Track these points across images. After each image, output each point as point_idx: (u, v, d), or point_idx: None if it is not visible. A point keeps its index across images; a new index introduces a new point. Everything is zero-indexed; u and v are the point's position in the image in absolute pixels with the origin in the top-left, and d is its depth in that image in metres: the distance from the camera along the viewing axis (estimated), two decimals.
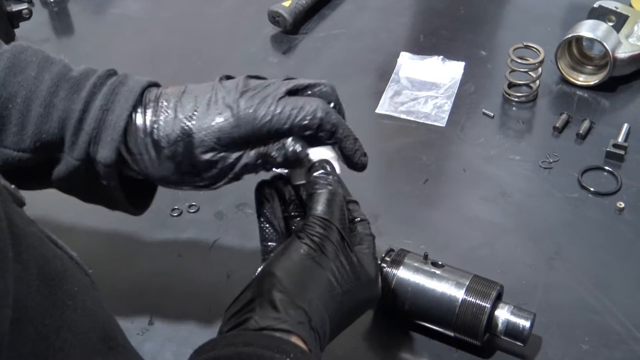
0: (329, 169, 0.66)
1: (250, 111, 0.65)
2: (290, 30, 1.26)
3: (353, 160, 0.70)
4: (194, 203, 0.94)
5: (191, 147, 0.65)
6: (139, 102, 0.67)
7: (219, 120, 0.65)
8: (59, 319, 0.42)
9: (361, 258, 0.65)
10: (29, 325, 0.39)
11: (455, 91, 1.11)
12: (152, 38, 1.29)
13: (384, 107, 1.09)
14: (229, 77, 0.70)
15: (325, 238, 0.62)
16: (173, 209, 0.93)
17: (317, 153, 0.67)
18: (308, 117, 0.65)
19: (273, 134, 0.65)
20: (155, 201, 0.93)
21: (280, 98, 0.66)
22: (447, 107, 1.08)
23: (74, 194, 0.73)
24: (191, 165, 0.66)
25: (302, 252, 0.62)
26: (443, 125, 1.05)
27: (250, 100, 0.66)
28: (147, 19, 1.35)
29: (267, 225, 0.68)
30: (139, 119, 0.66)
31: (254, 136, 0.65)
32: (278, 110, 0.65)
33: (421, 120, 1.06)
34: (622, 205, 0.91)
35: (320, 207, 0.64)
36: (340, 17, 1.31)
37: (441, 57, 1.17)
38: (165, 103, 0.67)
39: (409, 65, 1.16)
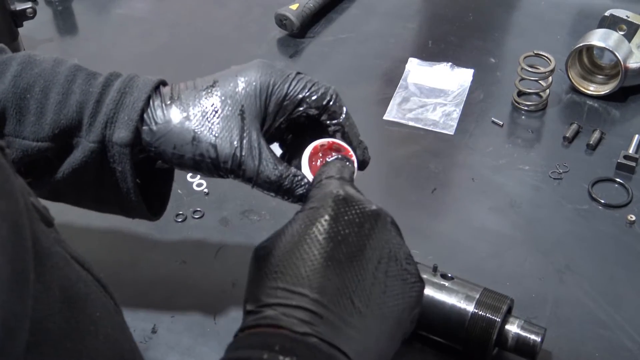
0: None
1: (274, 70, 0.67)
2: (297, 33, 1.24)
3: (356, 153, 0.68)
4: (198, 209, 0.92)
5: (215, 111, 0.66)
6: (155, 91, 0.67)
7: (243, 78, 0.66)
8: (80, 344, 0.41)
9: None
10: (49, 347, 0.38)
11: (464, 99, 1.10)
12: (157, 39, 1.27)
13: (391, 114, 1.08)
14: None
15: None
16: (177, 215, 0.91)
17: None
18: (321, 91, 0.67)
19: (288, 101, 0.66)
20: None
21: (298, 74, 0.68)
22: (456, 114, 1.07)
23: (85, 198, 0.72)
24: None
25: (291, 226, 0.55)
26: (451, 133, 1.04)
27: (271, 67, 0.68)
28: (152, 19, 1.34)
29: None
30: (156, 99, 0.66)
31: (270, 98, 0.66)
32: (297, 79, 0.67)
33: (429, 128, 1.05)
34: (633, 218, 0.90)
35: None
36: (347, 21, 1.30)
37: (450, 63, 1.16)
38: (182, 84, 0.68)
39: (417, 71, 1.15)
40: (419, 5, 1.36)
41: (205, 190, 0.95)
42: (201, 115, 0.65)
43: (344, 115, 0.68)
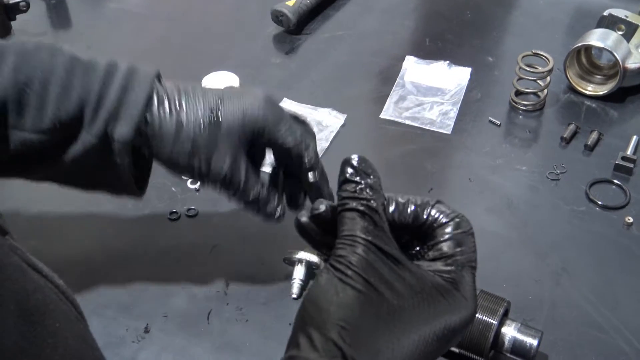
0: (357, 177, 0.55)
1: (275, 110, 0.71)
2: (294, 30, 1.23)
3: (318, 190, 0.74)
4: (192, 207, 0.91)
5: (217, 127, 0.68)
6: (155, 87, 0.69)
7: (247, 111, 0.69)
8: (37, 358, 0.39)
9: (429, 267, 0.54)
10: None
11: (461, 98, 1.09)
12: (151, 34, 1.26)
13: (388, 112, 1.07)
14: None
15: (350, 255, 0.50)
16: (171, 213, 0.90)
17: None
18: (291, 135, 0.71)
19: (272, 145, 0.72)
20: (152, 204, 0.92)
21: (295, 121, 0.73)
22: (453, 114, 1.06)
23: (79, 181, 0.73)
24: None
25: (325, 276, 0.51)
26: (448, 132, 1.03)
27: (272, 106, 0.71)
28: (146, 14, 1.32)
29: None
30: (159, 96, 0.68)
31: (259, 139, 0.70)
32: (288, 129, 0.71)
33: (426, 127, 1.04)
34: (631, 220, 0.89)
35: (344, 227, 0.52)
36: (344, 18, 1.28)
37: (447, 62, 1.15)
38: (182, 87, 0.70)
39: (414, 69, 1.14)
40: (417, 3, 1.35)
41: (197, 187, 0.94)
42: (201, 129, 0.68)
43: (309, 155, 0.72)
